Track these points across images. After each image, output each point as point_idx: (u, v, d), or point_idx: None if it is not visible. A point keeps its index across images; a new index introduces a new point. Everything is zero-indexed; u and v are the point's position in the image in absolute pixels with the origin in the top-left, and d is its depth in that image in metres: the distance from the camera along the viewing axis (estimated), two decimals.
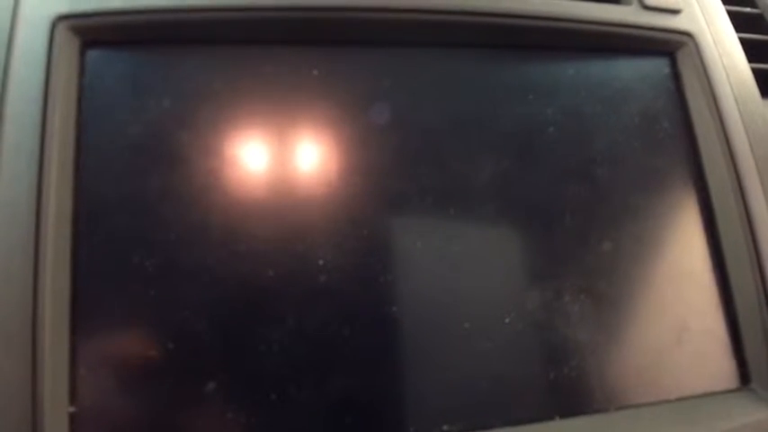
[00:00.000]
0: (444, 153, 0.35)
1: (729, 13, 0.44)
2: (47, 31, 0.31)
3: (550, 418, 0.33)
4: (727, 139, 0.38)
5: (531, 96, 0.37)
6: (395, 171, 0.34)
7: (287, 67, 0.34)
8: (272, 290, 0.31)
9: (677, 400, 0.35)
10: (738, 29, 0.44)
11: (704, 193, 0.39)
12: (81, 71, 0.31)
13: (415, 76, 0.36)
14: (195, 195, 0.31)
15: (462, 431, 0.31)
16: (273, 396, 0.30)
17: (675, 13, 0.41)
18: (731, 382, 0.36)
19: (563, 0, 0.38)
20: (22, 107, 0.29)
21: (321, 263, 0.31)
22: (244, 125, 0.33)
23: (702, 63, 0.40)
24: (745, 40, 0.44)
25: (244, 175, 0.32)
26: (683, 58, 0.40)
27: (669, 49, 0.41)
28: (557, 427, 0.33)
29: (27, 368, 0.27)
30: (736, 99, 0.40)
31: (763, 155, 0.39)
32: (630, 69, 0.39)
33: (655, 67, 0.40)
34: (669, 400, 0.35)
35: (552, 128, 0.37)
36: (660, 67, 0.40)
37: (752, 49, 0.44)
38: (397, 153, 0.34)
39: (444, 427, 0.31)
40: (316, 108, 0.34)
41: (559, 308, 0.34)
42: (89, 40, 0.32)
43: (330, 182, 0.33)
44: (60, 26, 0.31)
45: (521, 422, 0.32)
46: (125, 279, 0.29)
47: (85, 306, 0.29)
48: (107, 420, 0.28)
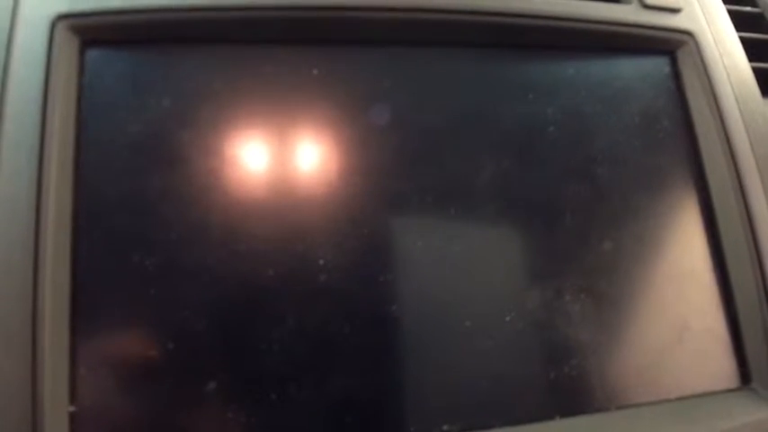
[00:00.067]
0: (445, 152, 0.35)
1: (730, 12, 0.44)
2: (46, 30, 0.31)
3: (551, 417, 0.33)
4: (727, 138, 0.38)
5: (532, 96, 0.37)
6: (395, 170, 0.34)
7: (287, 67, 0.34)
8: (272, 289, 0.31)
9: (678, 399, 0.35)
10: (739, 28, 0.44)
11: (705, 193, 0.39)
12: (80, 70, 0.31)
13: (416, 76, 0.36)
14: (195, 194, 0.31)
15: (462, 430, 0.31)
16: (274, 396, 0.30)
17: (676, 11, 0.41)
18: (732, 381, 0.36)
19: None
20: (22, 106, 0.29)
21: (321, 262, 0.31)
22: (244, 125, 0.33)
23: (703, 62, 0.40)
24: (745, 40, 0.44)
25: (244, 175, 0.32)
26: (683, 57, 0.40)
27: (669, 48, 0.41)
28: (557, 426, 0.33)
29: (27, 367, 0.27)
30: (736, 98, 0.40)
31: (763, 154, 0.39)
32: (631, 68, 0.39)
33: (655, 66, 0.40)
34: (670, 400, 0.35)
35: (552, 127, 0.37)
36: (660, 66, 0.40)
37: (752, 49, 0.44)
38: (397, 152, 0.34)
39: (444, 427, 0.31)
40: (316, 107, 0.34)
41: (560, 307, 0.34)
42: (89, 39, 0.32)
43: (330, 181, 0.33)
44: (60, 25, 0.31)
45: (521, 421, 0.32)
46: (125, 278, 0.29)
47: (85, 305, 0.29)
48: (107, 420, 0.28)
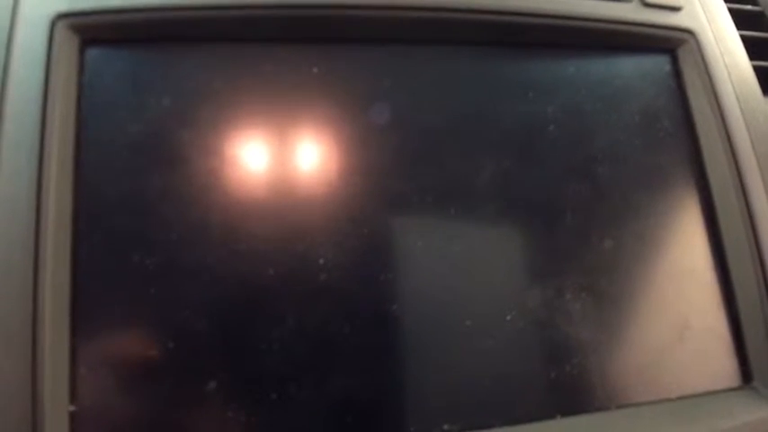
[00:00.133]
0: (445, 151, 0.35)
1: (730, 10, 0.44)
2: (46, 29, 0.31)
3: (551, 416, 0.33)
4: (728, 136, 0.38)
5: (532, 94, 0.37)
6: (395, 169, 0.34)
7: (287, 65, 0.34)
8: (272, 289, 0.31)
9: (678, 398, 0.35)
10: (739, 26, 0.44)
11: (705, 191, 0.38)
12: (80, 69, 0.31)
13: (416, 74, 0.36)
14: (195, 194, 0.31)
15: (463, 430, 0.31)
16: (274, 395, 0.30)
17: (676, 10, 0.41)
18: (733, 380, 0.36)
19: None
20: (22, 105, 0.29)
21: (321, 262, 0.31)
22: (244, 123, 0.32)
23: (703, 60, 0.40)
24: (745, 38, 0.44)
25: (244, 174, 0.32)
26: (684, 56, 0.40)
27: (670, 46, 0.41)
28: (558, 425, 0.32)
29: (27, 367, 0.27)
30: (737, 96, 0.40)
31: (764, 152, 0.39)
32: (631, 67, 0.39)
33: (656, 64, 0.40)
34: (670, 399, 0.35)
35: (553, 126, 0.37)
36: (661, 64, 0.40)
37: (753, 47, 0.44)
38: (397, 151, 0.34)
39: (445, 426, 0.31)
40: (316, 106, 0.34)
41: (561, 306, 0.34)
42: (88, 38, 0.32)
43: (330, 180, 0.33)
44: (60, 25, 0.31)
45: (522, 421, 0.32)
46: (125, 277, 0.29)
47: (86, 304, 0.29)
48: (107, 419, 0.28)
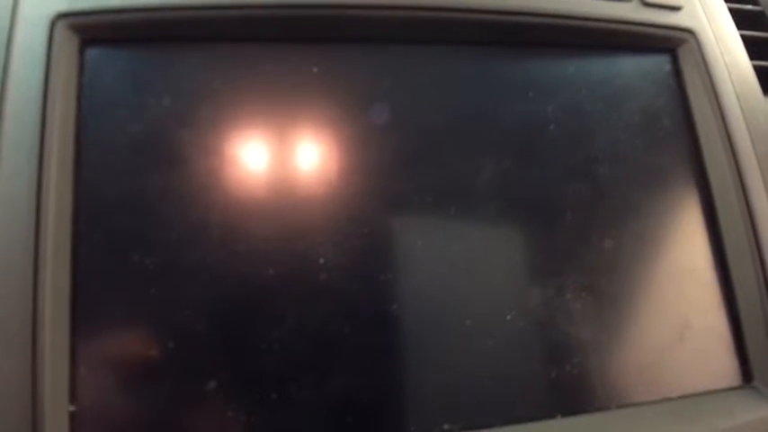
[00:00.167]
0: (445, 151, 0.35)
1: (730, 10, 0.44)
2: (46, 29, 0.31)
3: (552, 416, 0.33)
4: (728, 136, 0.38)
5: (532, 94, 0.37)
6: (395, 169, 0.34)
7: (287, 65, 0.34)
8: (272, 289, 0.31)
9: (679, 398, 0.35)
10: (739, 26, 0.44)
11: (706, 191, 0.38)
12: (80, 69, 0.31)
13: (416, 74, 0.35)
14: (195, 193, 0.31)
15: (463, 429, 0.31)
16: (274, 395, 0.30)
17: (676, 9, 0.40)
18: (733, 380, 0.36)
19: None
20: (22, 105, 0.29)
21: (322, 261, 0.31)
22: (244, 123, 0.32)
23: (704, 60, 0.40)
24: (746, 38, 0.44)
25: (244, 174, 0.32)
26: (684, 55, 0.40)
27: (670, 45, 0.41)
28: (558, 425, 0.32)
29: (27, 367, 0.27)
30: (737, 96, 0.40)
31: (764, 152, 0.39)
32: (631, 66, 0.39)
33: (656, 64, 0.40)
34: (671, 399, 0.35)
35: (553, 125, 0.37)
36: (661, 64, 0.40)
37: (753, 47, 0.44)
38: (397, 151, 0.34)
39: (445, 426, 0.31)
40: (316, 106, 0.34)
41: (561, 306, 0.34)
42: (88, 38, 0.32)
43: (330, 180, 0.33)
44: (59, 24, 0.31)
45: (522, 420, 0.32)
46: (125, 277, 0.29)
47: (86, 304, 0.29)
48: (107, 419, 0.28)
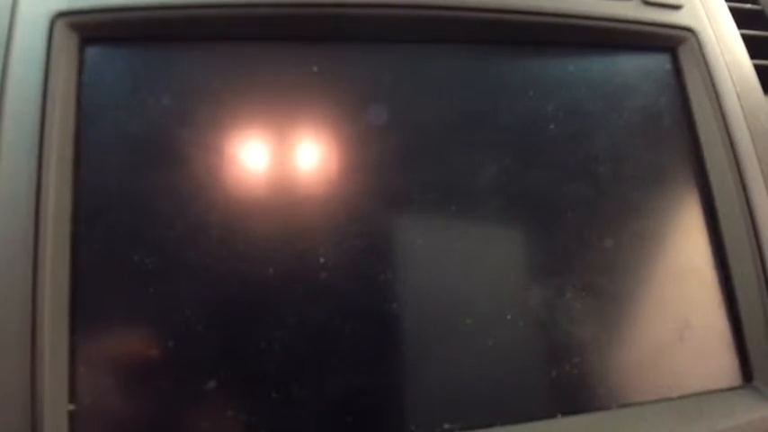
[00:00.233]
0: (445, 150, 0.35)
1: (730, 9, 0.44)
2: (45, 28, 0.31)
3: (552, 415, 0.33)
4: (729, 135, 0.38)
5: (532, 93, 0.37)
6: (395, 168, 0.34)
7: (287, 64, 0.34)
8: (272, 288, 0.31)
9: (679, 397, 0.35)
10: (739, 25, 0.44)
11: (706, 190, 0.38)
12: (80, 68, 0.31)
13: (416, 73, 0.35)
14: (195, 192, 0.31)
15: (463, 429, 0.31)
16: (274, 394, 0.30)
17: (677, 8, 0.40)
18: (734, 379, 0.36)
19: None
20: (22, 104, 0.29)
21: (322, 260, 0.31)
22: (244, 122, 0.32)
23: (704, 59, 0.40)
24: (746, 37, 0.44)
25: (244, 173, 0.32)
26: (684, 54, 0.40)
27: (670, 44, 0.41)
28: (559, 424, 0.32)
29: (27, 366, 0.27)
30: (738, 95, 0.40)
31: (765, 151, 0.39)
32: (632, 65, 0.39)
33: (656, 62, 0.40)
34: (671, 398, 0.35)
35: (553, 124, 0.37)
36: (662, 62, 0.40)
37: (753, 46, 0.44)
38: (397, 150, 0.34)
39: (445, 425, 0.31)
40: (316, 105, 0.34)
41: (561, 305, 0.34)
42: (88, 36, 0.32)
43: (331, 179, 0.33)
44: (59, 23, 0.31)
45: (522, 420, 0.32)
46: (125, 276, 0.29)
47: (85, 303, 0.28)
48: (107, 418, 0.28)
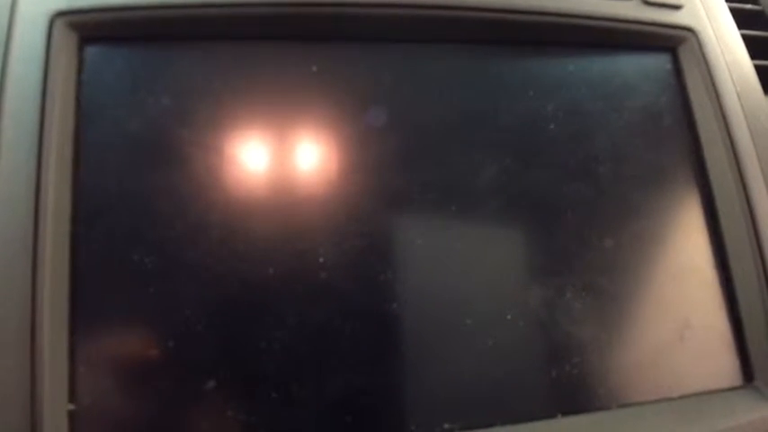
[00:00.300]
0: (445, 150, 0.35)
1: (731, 9, 0.44)
2: (45, 27, 0.31)
3: (552, 415, 0.33)
4: (729, 135, 0.38)
5: (532, 92, 0.37)
6: (395, 168, 0.34)
7: (286, 64, 0.34)
8: (272, 287, 0.31)
9: (680, 397, 0.35)
10: (740, 25, 0.44)
11: (707, 190, 0.38)
12: (79, 67, 0.31)
13: (416, 73, 0.35)
14: (195, 192, 0.31)
15: (463, 429, 0.31)
16: (274, 394, 0.30)
17: (677, 8, 0.40)
18: (734, 379, 0.36)
19: None
20: (21, 104, 0.29)
21: (322, 260, 0.31)
22: (243, 122, 0.32)
23: (704, 59, 0.40)
24: (746, 37, 0.44)
25: (244, 172, 0.32)
26: (684, 54, 0.40)
27: (671, 44, 0.41)
28: (559, 424, 0.32)
29: (26, 366, 0.26)
30: (738, 95, 0.40)
31: (765, 151, 0.39)
32: (632, 65, 0.39)
33: (657, 62, 0.40)
34: (671, 398, 0.35)
35: (553, 124, 0.37)
36: (662, 62, 0.40)
37: (753, 46, 0.44)
38: (397, 150, 0.34)
39: (445, 425, 0.31)
40: (315, 105, 0.34)
41: (561, 305, 0.34)
42: (87, 36, 0.32)
43: (330, 179, 0.33)
44: (58, 22, 0.31)
45: (522, 420, 0.32)
46: (124, 276, 0.29)
47: (85, 303, 0.28)
48: (107, 418, 0.28)
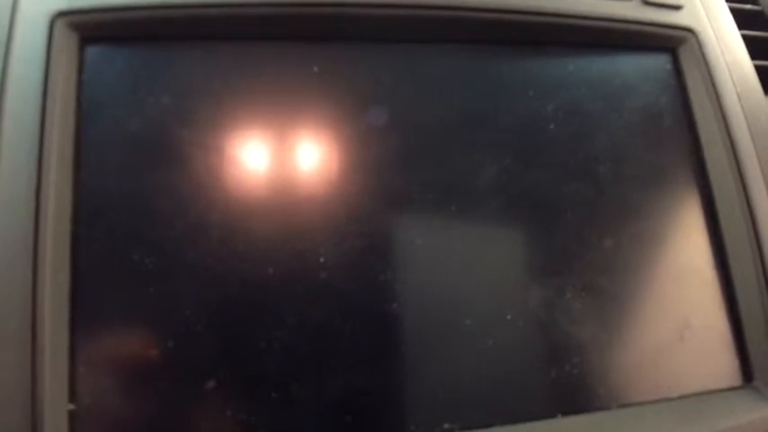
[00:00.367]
0: (445, 150, 0.35)
1: (731, 10, 0.44)
2: (45, 27, 0.31)
3: (552, 415, 0.33)
4: (729, 135, 0.38)
5: (533, 93, 0.37)
6: (395, 168, 0.34)
7: (287, 64, 0.34)
8: (272, 287, 0.31)
9: (679, 398, 0.35)
10: (740, 26, 0.44)
11: (707, 190, 0.38)
12: (80, 67, 0.31)
13: (416, 73, 0.35)
14: (195, 192, 0.31)
15: (463, 428, 0.31)
16: (274, 394, 0.30)
17: (677, 9, 0.40)
18: (734, 379, 0.36)
19: None
20: (22, 104, 0.29)
21: (322, 260, 0.31)
22: (244, 122, 0.32)
23: (704, 59, 0.40)
24: (746, 37, 0.44)
25: (244, 172, 0.32)
26: (684, 54, 0.40)
27: (671, 44, 0.41)
28: (558, 424, 0.32)
29: (27, 365, 0.26)
30: (738, 95, 0.40)
31: (765, 151, 0.39)
32: (632, 65, 0.39)
33: (657, 63, 0.40)
34: (671, 398, 0.35)
35: (553, 124, 0.37)
36: (662, 63, 0.40)
37: (753, 46, 0.44)
38: (397, 150, 0.34)
39: (445, 425, 0.31)
40: (316, 105, 0.34)
41: (561, 305, 0.34)
42: (88, 36, 0.32)
43: (331, 179, 0.33)
44: (59, 22, 0.31)
45: (522, 420, 0.32)
46: (125, 276, 0.29)
47: (85, 303, 0.28)
48: (107, 418, 0.28)
